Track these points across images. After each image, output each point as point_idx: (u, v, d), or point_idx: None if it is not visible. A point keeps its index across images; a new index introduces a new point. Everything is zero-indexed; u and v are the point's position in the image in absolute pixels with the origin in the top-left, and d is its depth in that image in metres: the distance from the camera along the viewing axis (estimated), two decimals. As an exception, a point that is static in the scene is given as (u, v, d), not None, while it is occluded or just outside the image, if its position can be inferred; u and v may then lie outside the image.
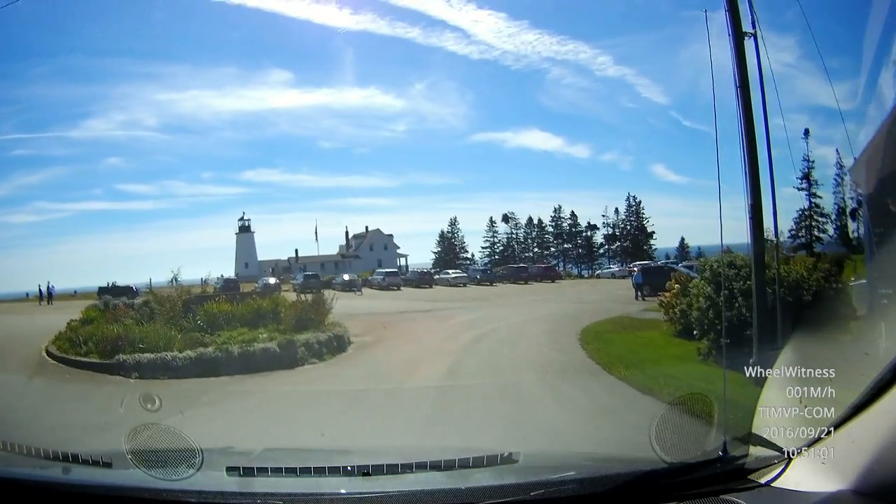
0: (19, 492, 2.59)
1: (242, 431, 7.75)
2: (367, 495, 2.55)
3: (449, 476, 2.80)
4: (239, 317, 17.04)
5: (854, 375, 2.42)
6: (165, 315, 17.37)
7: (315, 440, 6.55)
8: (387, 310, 24.82)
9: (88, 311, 20.15)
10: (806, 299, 12.12)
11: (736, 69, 10.30)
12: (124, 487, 2.60)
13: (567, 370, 11.54)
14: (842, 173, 50.48)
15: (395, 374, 12.15)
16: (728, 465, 2.52)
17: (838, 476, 2.20)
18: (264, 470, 2.90)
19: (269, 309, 17.47)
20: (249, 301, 18.49)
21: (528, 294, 33.72)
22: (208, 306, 17.69)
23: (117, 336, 14.77)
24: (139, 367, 13.10)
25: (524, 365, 12.36)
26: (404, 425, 7.66)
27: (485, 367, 12.28)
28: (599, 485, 2.46)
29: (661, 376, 9.44)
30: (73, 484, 2.72)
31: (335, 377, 12.66)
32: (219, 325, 16.34)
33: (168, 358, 13.27)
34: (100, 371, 13.53)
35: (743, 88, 10.31)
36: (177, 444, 2.82)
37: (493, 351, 14.20)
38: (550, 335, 15.95)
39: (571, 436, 6.74)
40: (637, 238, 65.92)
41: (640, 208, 65.92)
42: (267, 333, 14.95)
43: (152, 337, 14.80)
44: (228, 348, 13.57)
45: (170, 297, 19.17)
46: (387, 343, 16.49)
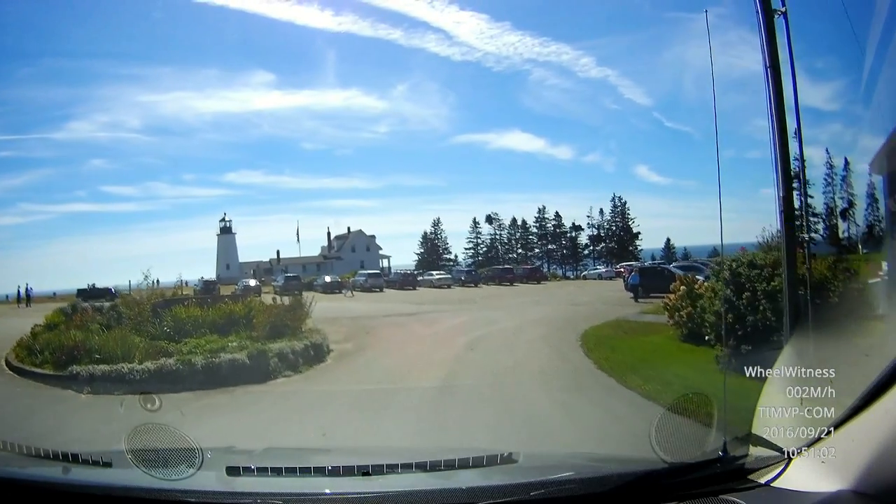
0: (19, 492, 2.56)
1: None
2: (367, 495, 2.52)
3: (449, 476, 2.78)
4: (209, 323, 15.62)
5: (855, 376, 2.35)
6: (133, 320, 16.03)
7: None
8: (370, 313, 23.52)
9: (54, 315, 18.55)
10: (833, 301, 11.11)
11: (766, 48, 9.18)
12: (124, 487, 2.55)
13: (578, 384, 10.29)
14: (832, 173, 50.35)
15: (376, 394, 10.45)
16: (728, 466, 2.49)
17: (838, 476, 2.18)
18: (264, 470, 2.88)
19: (242, 314, 16.02)
20: (221, 305, 16.99)
21: (516, 296, 32.65)
22: (177, 311, 16.26)
23: (74, 344, 13.42)
24: (92, 381, 11.73)
25: (527, 378, 11.05)
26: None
27: (482, 383, 10.81)
28: (599, 485, 2.44)
29: (686, 390, 8.25)
30: (73, 484, 2.68)
31: (308, 395, 11.06)
32: (187, 332, 14.98)
33: (125, 370, 11.86)
34: (53, 384, 12.19)
35: (773, 69, 9.19)
36: (177, 444, 2.80)
37: (489, 361, 12.85)
38: (549, 341, 14.80)
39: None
40: (622, 239, 65.89)
41: (625, 209, 66.02)
42: (238, 341, 13.52)
43: (111, 345, 13.37)
44: (192, 360, 12.11)
45: (138, 300, 17.77)
46: (370, 352, 15.04)
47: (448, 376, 11.30)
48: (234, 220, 54.45)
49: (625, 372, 10.29)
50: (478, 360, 13.05)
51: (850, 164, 48.39)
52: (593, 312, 20.26)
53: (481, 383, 10.69)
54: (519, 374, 11.40)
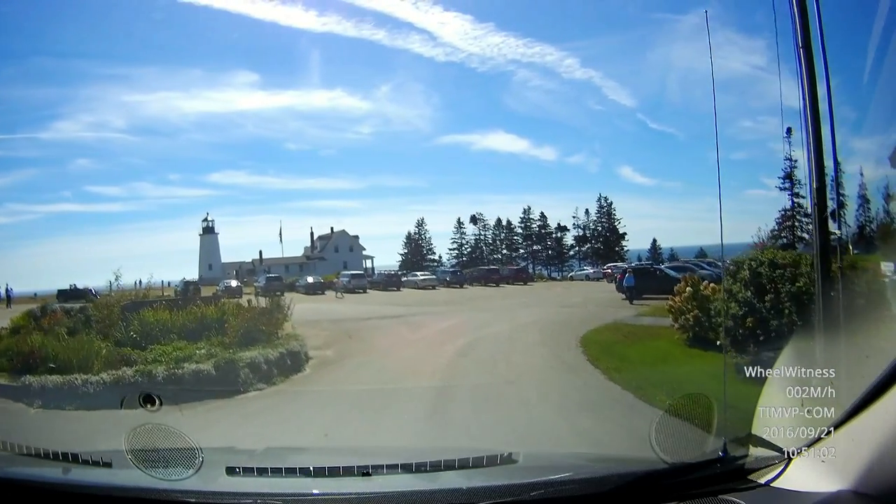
0: (19, 492, 2.56)
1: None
2: (367, 495, 2.54)
3: (449, 476, 2.77)
4: (179, 327, 14.43)
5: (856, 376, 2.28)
6: (100, 324, 14.87)
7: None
8: (353, 315, 22.24)
9: (20, 317, 17.08)
10: (859, 303, 10.29)
11: (799, 26, 8.32)
12: (124, 487, 2.57)
13: (594, 401, 9.10)
14: (839, 174, 49.97)
15: (360, 410, 9.15)
16: (728, 466, 2.47)
17: (838, 476, 2.17)
18: (264, 470, 2.90)
19: (215, 318, 14.79)
20: (193, 308, 15.74)
21: (504, 297, 31.64)
22: (145, 314, 14.96)
23: (30, 351, 12.31)
24: (44, 393, 10.54)
25: (533, 391, 9.84)
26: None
27: (481, 399, 9.40)
28: (599, 485, 2.45)
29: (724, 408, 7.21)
30: (73, 484, 2.68)
31: (279, 414, 9.65)
32: (154, 338, 13.81)
33: (78, 382, 10.62)
34: (5, 395, 11.00)
35: (806, 49, 8.30)
36: (177, 444, 2.78)
37: (485, 372, 11.68)
38: (548, 347, 13.74)
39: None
40: (608, 239, 65.66)
41: (611, 209, 65.72)
42: (206, 349, 12.31)
43: (69, 353, 12.24)
44: (152, 371, 10.88)
45: (107, 303, 16.47)
46: (352, 360, 13.78)
47: (440, 391, 10.03)
48: (217, 221, 52.68)
49: (643, 385, 9.13)
50: (471, 369, 11.94)
51: (840, 163, 47.97)
52: (588, 315, 19.25)
53: (479, 401, 9.30)
54: (522, 389, 10.11)
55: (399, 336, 17.18)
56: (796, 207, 49.08)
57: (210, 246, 52.15)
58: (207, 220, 51.91)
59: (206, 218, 51.89)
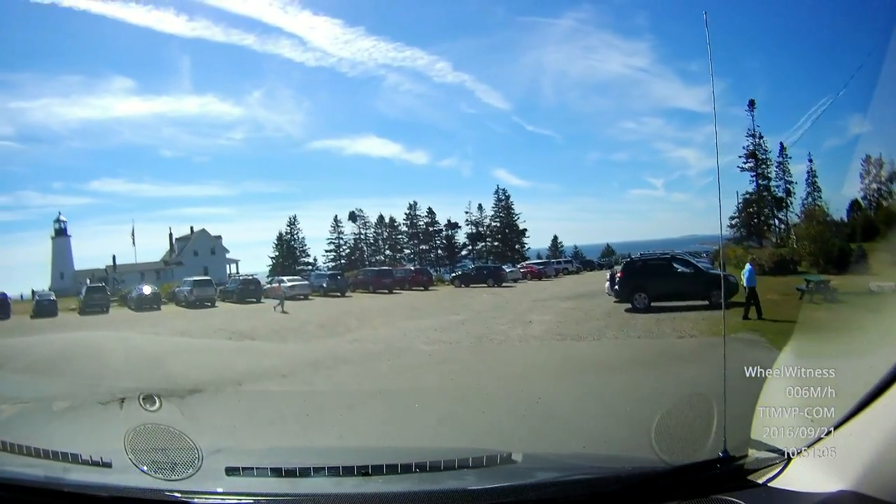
0: (18, 492, 2.49)
1: None
2: (366, 495, 2.49)
3: (449, 476, 2.66)
4: None
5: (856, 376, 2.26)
6: None
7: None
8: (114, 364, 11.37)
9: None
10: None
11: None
12: (124, 488, 2.48)
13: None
14: (784, 159, 44.01)
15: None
16: (728, 466, 2.39)
17: (839, 476, 2.09)
18: (264, 470, 2.80)
19: None
20: None
21: (408, 313, 21.45)
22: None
23: None
24: None
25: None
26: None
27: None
28: (599, 485, 2.42)
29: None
30: (73, 484, 2.56)
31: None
32: None
33: None
34: None
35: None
36: (177, 444, 2.70)
37: None
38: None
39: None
40: (507, 236, 59.26)
41: (509, 203, 59.44)
42: None
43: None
44: None
45: None
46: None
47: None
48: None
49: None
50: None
51: (786, 149, 42.39)
52: (593, 354, 10.14)
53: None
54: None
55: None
56: (762, 190, 43.81)
57: (62, 251, 48.48)
58: (60, 220, 48.79)
59: (59, 218, 48.90)
